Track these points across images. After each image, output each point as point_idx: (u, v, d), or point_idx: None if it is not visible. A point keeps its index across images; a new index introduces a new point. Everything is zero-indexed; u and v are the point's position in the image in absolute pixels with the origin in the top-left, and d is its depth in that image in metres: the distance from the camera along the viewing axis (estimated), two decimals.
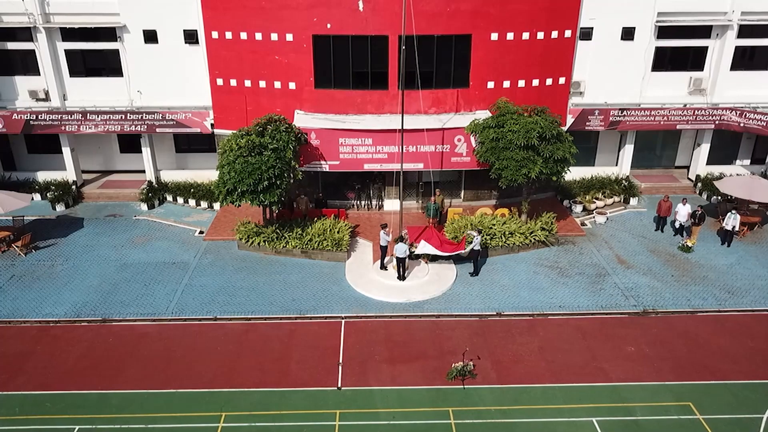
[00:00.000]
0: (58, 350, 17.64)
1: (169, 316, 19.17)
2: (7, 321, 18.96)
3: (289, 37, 23.48)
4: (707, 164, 28.70)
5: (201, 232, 24.57)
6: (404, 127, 21.06)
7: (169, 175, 28.29)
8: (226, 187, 20.41)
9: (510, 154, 20.92)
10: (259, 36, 23.70)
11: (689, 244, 23.14)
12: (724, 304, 19.76)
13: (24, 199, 23.00)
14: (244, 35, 23.88)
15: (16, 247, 22.75)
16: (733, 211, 23.02)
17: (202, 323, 18.88)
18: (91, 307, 19.59)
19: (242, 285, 20.83)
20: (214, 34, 24.35)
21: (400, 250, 20.35)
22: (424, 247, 21.32)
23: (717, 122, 26.72)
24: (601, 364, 16.98)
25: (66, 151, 27.22)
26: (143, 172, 28.38)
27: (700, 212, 23.38)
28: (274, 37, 23.60)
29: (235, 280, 21.12)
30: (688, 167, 29.61)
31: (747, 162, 29.58)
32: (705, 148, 28.13)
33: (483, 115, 24.13)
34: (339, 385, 16.25)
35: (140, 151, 27.81)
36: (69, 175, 27.74)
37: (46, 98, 26.22)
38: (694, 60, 26.83)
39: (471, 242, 21.04)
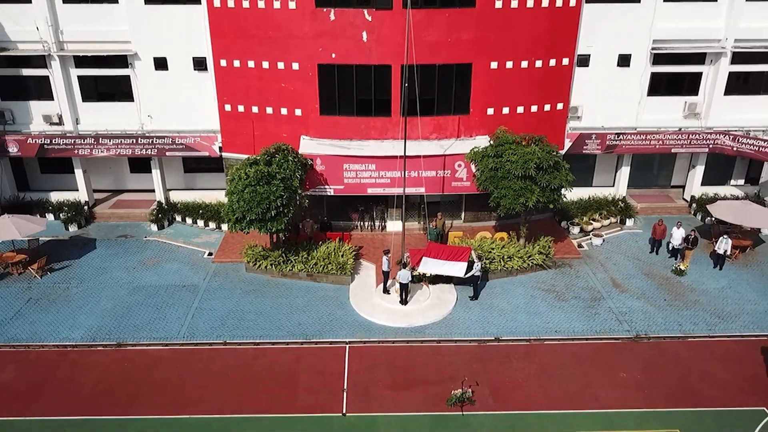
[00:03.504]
0: (76, 375, 18.49)
1: (181, 340, 20.01)
2: (26, 345, 19.83)
3: (296, 65, 24.27)
4: (702, 185, 29.43)
5: (210, 254, 25.41)
6: (406, 154, 21.85)
7: (178, 195, 29.14)
8: (235, 215, 21.21)
9: (508, 183, 21.72)
10: (266, 64, 24.49)
11: (682, 267, 23.91)
12: (715, 330, 20.52)
13: (40, 224, 23.83)
14: (251, 63, 24.67)
15: (32, 269, 23.61)
16: (725, 236, 23.80)
17: (212, 348, 19.71)
18: (106, 331, 20.44)
19: (250, 309, 21.66)
20: (223, 62, 25.17)
21: (404, 276, 21.17)
22: (429, 265, 22.01)
23: (711, 146, 27.46)
24: (594, 391, 17.77)
25: (78, 172, 28.09)
26: (152, 191, 29.24)
27: (693, 236, 24.15)
28: (280, 65, 24.39)
29: (244, 304, 21.95)
30: (684, 187, 30.34)
31: (741, 182, 30.28)
32: (700, 170, 28.87)
33: (483, 140, 24.93)
34: (344, 411, 17.07)
35: (150, 171, 28.68)
36: (81, 195, 28.59)
37: (60, 122, 27.04)
38: (689, 85, 27.53)
39: (474, 262, 21.80)
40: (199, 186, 29.79)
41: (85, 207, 28.33)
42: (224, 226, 27.27)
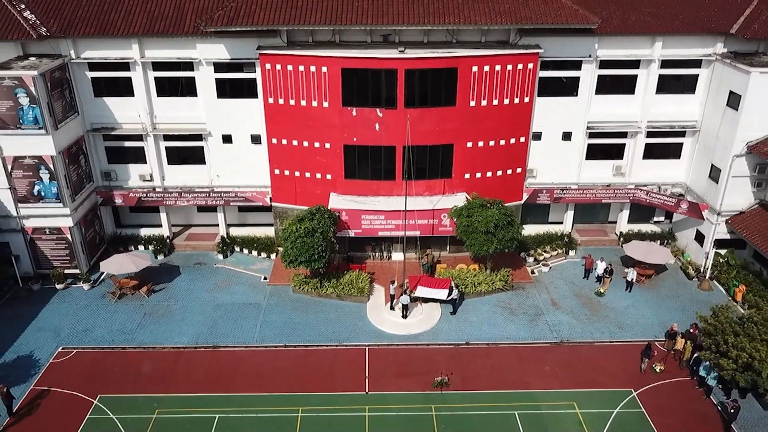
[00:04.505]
0: (189, 367, 28.36)
1: (255, 344, 29.86)
2: (152, 347, 29.70)
3: (327, 145, 33.87)
4: (630, 222, 39.04)
5: (265, 278, 35.21)
6: (406, 209, 31.59)
7: (234, 230, 38.89)
8: (290, 258, 31.00)
9: (476, 235, 31.46)
10: (306, 143, 34.12)
11: (602, 290, 33.73)
12: (614, 337, 30.36)
13: (146, 259, 33.58)
14: (295, 142, 34.30)
15: (142, 292, 33.45)
16: (631, 267, 33.60)
17: (276, 349, 29.56)
18: (203, 337, 30.31)
19: (299, 321, 31.48)
20: (274, 140, 34.78)
21: (405, 299, 31.03)
22: (421, 291, 31.88)
23: (631, 197, 37.14)
24: (527, 378, 27.62)
25: (163, 215, 37.83)
26: (216, 225, 38.94)
27: (610, 268, 33.95)
28: (316, 144, 34.00)
29: (294, 317, 31.78)
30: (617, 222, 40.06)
31: (662, 218, 39.79)
32: (626, 213, 38.51)
33: (462, 196, 34.63)
34: (366, 391, 26.96)
35: (212, 210, 38.37)
36: (164, 231, 38.36)
37: (151, 179, 36.68)
38: (616, 152, 37.05)
39: (453, 289, 31.61)
40: (249, 221, 39.43)
41: (168, 240, 38.09)
42: (272, 256, 37.04)
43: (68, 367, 28.23)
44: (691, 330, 28.67)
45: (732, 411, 24.35)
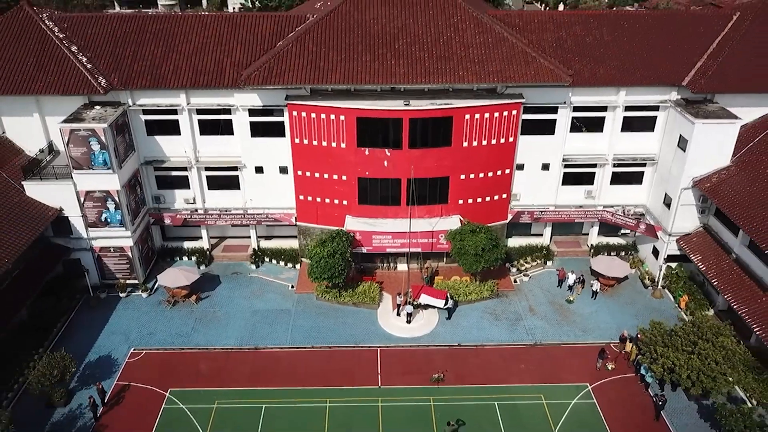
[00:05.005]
0: (239, 365, 35.61)
1: (288, 345, 37.08)
2: (205, 348, 36.94)
3: (344, 177, 40.53)
4: (600, 234, 46.00)
5: (292, 287, 42.30)
6: (410, 230, 38.50)
7: (264, 243, 45.85)
8: (315, 275, 38.05)
9: (467, 256, 38.42)
10: (326, 176, 40.78)
11: (571, 298, 40.86)
12: (579, 339, 37.58)
13: (196, 273, 40.61)
14: (317, 174, 40.94)
15: (192, 300, 40.58)
16: (596, 279, 40.69)
17: (306, 350, 36.79)
18: (246, 339, 37.52)
19: (323, 325, 38.64)
20: (299, 172, 41.42)
21: (409, 307, 38.20)
22: (423, 299, 38.99)
23: (599, 217, 44.00)
24: (506, 375, 34.89)
25: (203, 230, 44.77)
26: (247, 237, 45.88)
27: (582, 277, 41.03)
28: (335, 177, 40.66)
29: (318, 322, 38.94)
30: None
31: (628, 231, 46.67)
32: (596, 229, 45.47)
33: (456, 218, 41.48)
34: (379, 385, 34.28)
35: (245, 225, 45.26)
36: (204, 243, 45.35)
37: (194, 202, 43.46)
38: (587, 179, 43.69)
39: (448, 299, 38.71)
40: (276, 234, 46.35)
41: (207, 252, 45.09)
42: (297, 266, 44.07)
43: (141, 366, 35.51)
44: (639, 336, 35.82)
45: (660, 403, 31.68)
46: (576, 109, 41.01)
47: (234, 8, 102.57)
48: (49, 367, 31.74)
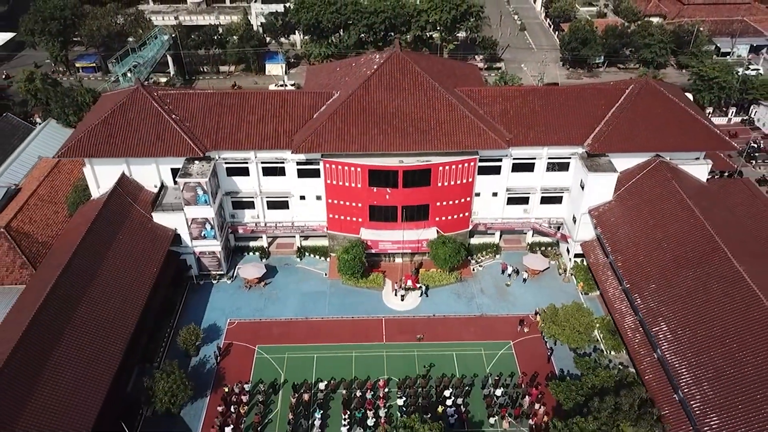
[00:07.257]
0: (297, 329, 57.51)
1: (327, 317, 58.95)
2: (274, 318, 58.81)
3: (359, 204, 61.24)
4: (534, 236, 67.16)
5: (325, 274, 63.84)
6: (404, 238, 59.79)
7: (304, 242, 67.11)
8: (342, 271, 59.59)
9: (438, 259, 59.84)
10: (347, 203, 61.50)
11: (509, 283, 62.48)
12: (510, 312, 59.34)
13: (263, 268, 62.03)
14: (342, 201, 61.66)
15: (261, 286, 62.24)
16: (526, 270, 62.20)
17: (338, 319, 58.62)
18: (299, 312, 59.28)
19: (347, 302, 60.28)
20: (330, 200, 62.15)
21: (402, 291, 59.96)
22: (409, 284, 60.67)
23: (532, 227, 65.03)
24: (461, 335, 56.66)
25: (264, 235, 65.99)
26: (292, 237, 67.06)
27: (514, 269, 62.60)
28: (353, 204, 61.39)
29: (345, 300, 60.54)
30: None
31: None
32: (531, 232, 66.57)
33: (434, 230, 62.50)
34: (384, 341, 56.40)
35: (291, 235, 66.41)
36: (264, 243, 66.64)
37: (257, 218, 64.39)
38: (524, 201, 64.31)
39: (421, 286, 60.27)
40: (311, 235, 67.49)
41: (266, 249, 66.43)
42: (327, 259, 65.50)
43: (237, 331, 57.51)
44: (538, 313, 57.46)
45: (549, 354, 53.87)
46: (515, 158, 61.18)
47: (256, 12, 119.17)
48: (188, 333, 53.71)
